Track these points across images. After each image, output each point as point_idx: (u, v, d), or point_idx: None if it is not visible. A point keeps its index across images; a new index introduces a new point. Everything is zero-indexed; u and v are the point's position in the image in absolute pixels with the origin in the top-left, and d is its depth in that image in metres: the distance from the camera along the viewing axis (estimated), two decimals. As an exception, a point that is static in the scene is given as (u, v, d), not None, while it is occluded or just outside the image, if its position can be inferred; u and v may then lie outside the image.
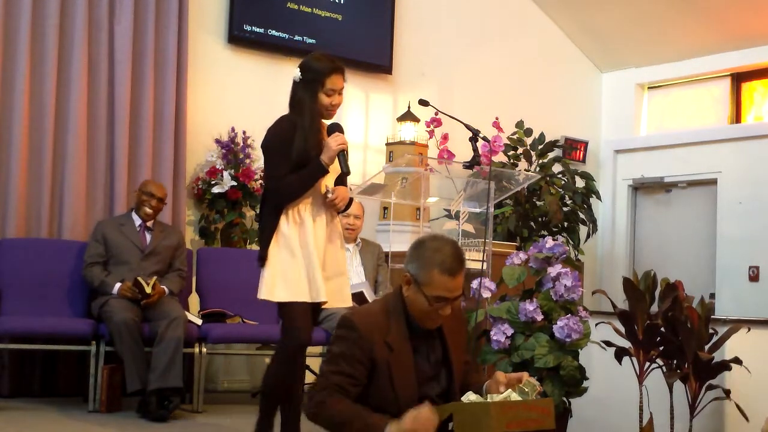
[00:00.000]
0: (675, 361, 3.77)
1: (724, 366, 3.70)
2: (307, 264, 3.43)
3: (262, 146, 3.57)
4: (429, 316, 2.61)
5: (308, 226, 3.46)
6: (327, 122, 3.61)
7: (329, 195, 3.49)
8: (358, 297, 4.89)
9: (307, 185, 3.45)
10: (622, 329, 3.81)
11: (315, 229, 3.48)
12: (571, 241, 6.66)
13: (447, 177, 5.50)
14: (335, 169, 3.53)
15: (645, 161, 7.72)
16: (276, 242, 3.44)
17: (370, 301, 4.86)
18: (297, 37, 6.19)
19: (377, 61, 6.59)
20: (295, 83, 3.52)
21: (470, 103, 6.82)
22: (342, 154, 3.48)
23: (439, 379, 2.67)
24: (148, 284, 4.66)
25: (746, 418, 3.66)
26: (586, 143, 7.81)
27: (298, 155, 3.41)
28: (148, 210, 4.96)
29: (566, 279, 3.65)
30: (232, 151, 5.73)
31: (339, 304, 3.61)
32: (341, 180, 3.63)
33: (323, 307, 3.55)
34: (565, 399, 3.63)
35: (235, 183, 5.58)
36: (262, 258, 3.45)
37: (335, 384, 2.52)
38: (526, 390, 2.54)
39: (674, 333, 3.70)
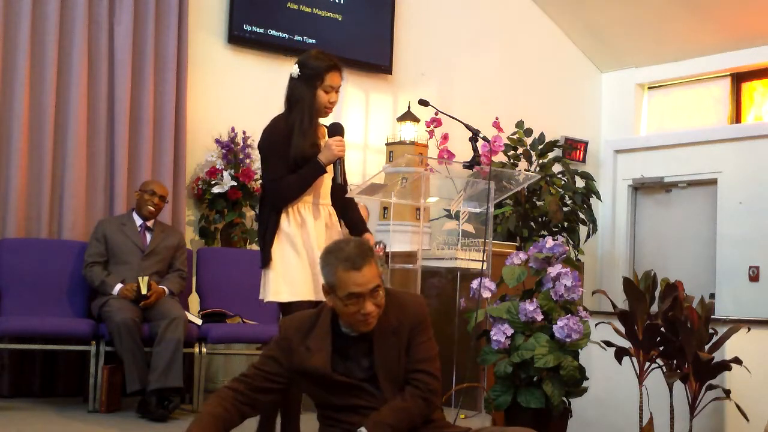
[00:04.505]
0: (675, 361, 3.77)
1: (724, 366, 3.70)
2: (310, 263, 3.43)
3: (258, 147, 3.57)
4: (354, 318, 2.61)
5: (309, 225, 3.47)
6: (325, 123, 3.60)
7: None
8: None
9: (306, 185, 3.45)
10: (622, 329, 3.81)
11: (316, 227, 3.48)
12: (571, 241, 6.66)
13: (447, 177, 5.50)
14: (332, 174, 3.53)
15: (645, 161, 7.71)
16: (278, 242, 3.44)
17: None
18: (297, 37, 6.19)
19: (377, 61, 6.59)
20: (293, 79, 3.50)
21: (470, 103, 6.82)
22: (339, 162, 3.47)
23: (373, 382, 2.66)
24: (149, 285, 4.67)
25: (746, 418, 3.66)
26: (586, 143, 7.81)
27: (296, 154, 3.41)
28: (151, 208, 4.96)
29: (566, 279, 3.65)
30: (232, 151, 5.73)
31: None
32: (340, 191, 3.61)
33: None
34: (565, 399, 3.64)
35: (235, 183, 5.58)
36: (265, 259, 3.45)
37: (242, 375, 2.71)
38: None
39: (674, 333, 3.70)
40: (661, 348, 3.78)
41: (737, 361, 3.68)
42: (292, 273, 3.43)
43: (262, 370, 2.69)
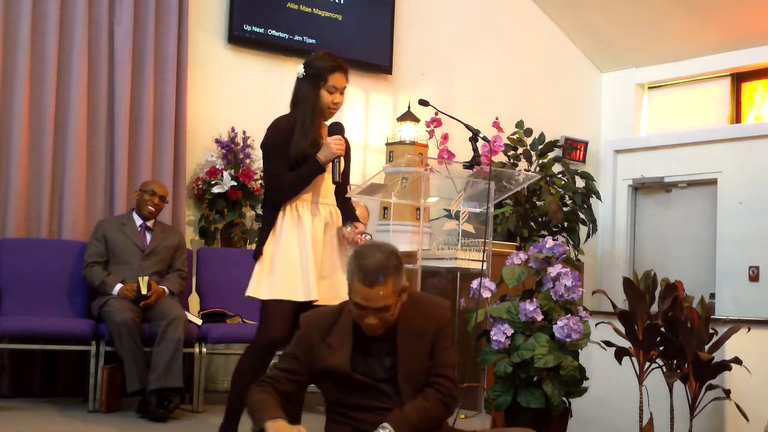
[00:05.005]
0: (675, 361, 3.78)
1: (724, 366, 3.71)
2: (303, 262, 3.43)
3: (261, 146, 3.60)
4: (360, 322, 2.62)
5: (306, 224, 3.47)
6: (328, 123, 3.61)
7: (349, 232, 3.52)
8: None
9: (305, 182, 3.47)
10: (622, 329, 3.81)
11: (313, 226, 3.49)
12: (571, 241, 6.66)
13: (447, 177, 5.50)
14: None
15: (645, 161, 7.71)
16: (272, 240, 3.46)
17: None
18: (297, 37, 6.19)
19: (377, 61, 6.59)
20: (298, 80, 3.56)
21: (470, 103, 6.82)
22: (336, 162, 3.48)
23: (392, 382, 2.67)
24: (149, 285, 4.67)
25: (746, 418, 3.66)
26: (586, 143, 7.80)
27: (296, 152, 3.44)
28: (151, 208, 4.96)
29: (566, 279, 3.65)
30: (232, 151, 5.73)
31: (333, 302, 3.60)
32: (339, 190, 3.62)
33: (315, 305, 3.52)
34: (565, 399, 3.64)
35: (235, 183, 5.58)
36: (256, 255, 3.48)
37: (268, 376, 2.71)
38: None
39: (674, 333, 3.70)
40: (661, 348, 3.78)
41: (737, 361, 3.68)
42: (277, 271, 3.43)
43: (285, 371, 2.69)
